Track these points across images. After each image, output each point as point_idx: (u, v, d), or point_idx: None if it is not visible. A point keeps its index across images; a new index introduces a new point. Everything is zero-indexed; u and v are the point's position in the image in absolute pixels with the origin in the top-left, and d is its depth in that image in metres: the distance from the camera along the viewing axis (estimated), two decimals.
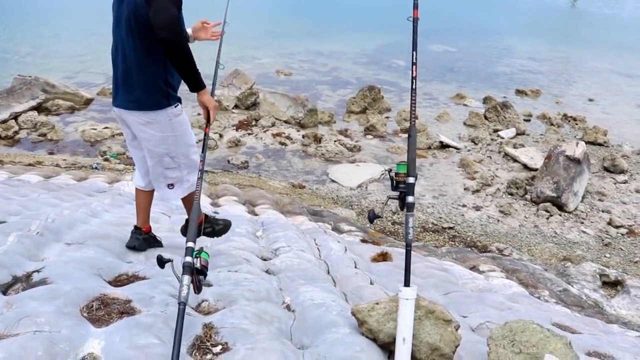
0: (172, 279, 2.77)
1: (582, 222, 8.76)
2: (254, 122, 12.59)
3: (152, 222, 3.76)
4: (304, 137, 11.81)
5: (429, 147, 11.64)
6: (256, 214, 6.41)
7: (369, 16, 30.24)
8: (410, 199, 2.44)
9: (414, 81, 2.54)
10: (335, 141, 11.61)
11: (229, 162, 10.48)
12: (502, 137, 12.44)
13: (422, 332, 2.34)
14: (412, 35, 2.59)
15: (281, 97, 13.56)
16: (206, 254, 2.52)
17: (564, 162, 9.33)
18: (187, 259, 2.40)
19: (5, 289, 2.77)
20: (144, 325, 2.40)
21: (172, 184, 3.34)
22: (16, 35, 21.95)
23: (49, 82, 13.17)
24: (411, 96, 2.53)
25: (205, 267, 2.47)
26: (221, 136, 11.65)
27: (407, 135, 2.57)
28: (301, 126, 12.54)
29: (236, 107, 13.52)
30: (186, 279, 2.33)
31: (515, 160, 11.15)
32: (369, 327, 2.43)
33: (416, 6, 2.61)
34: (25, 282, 2.84)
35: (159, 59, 2.95)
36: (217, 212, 5.60)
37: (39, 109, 12.41)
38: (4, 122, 11.44)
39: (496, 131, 12.80)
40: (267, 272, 3.76)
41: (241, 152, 11.07)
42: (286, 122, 12.79)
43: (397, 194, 2.50)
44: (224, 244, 4.15)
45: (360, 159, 11.03)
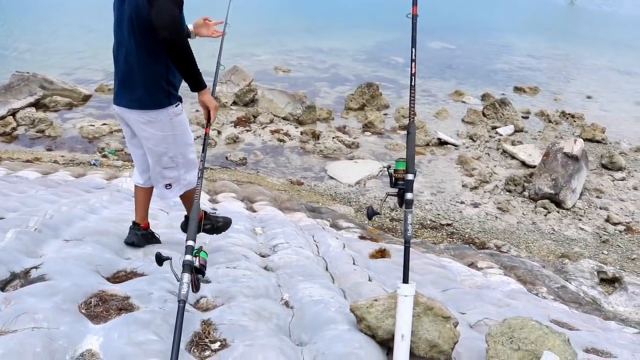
0: (170, 276, 2.77)
1: (580, 219, 8.78)
2: (252, 119, 12.58)
3: (151, 219, 3.75)
4: (302, 133, 11.80)
5: (427, 144, 11.64)
6: (254, 211, 6.41)
7: (368, 13, 30.18)
8: (408, 195, 2.44)
9: (413, 78, 2.54)
10: (333, 138, 11.60)
11: (227, 158, 10.48)
12: (501, 134, 12.44)
13: (421, 328, 2.34)
14: (411, 32, 2.58)
15: (280, 93, 13.54)
16: (205, 253, 2.54)
17: (562, 159, 9.35)
18: (187, 257, 2.42)
19: (3, 286, 2.77)
20: (142, 321, 2.40)
21: (169, 184, 3.35)
22: (14, 31, 21.88)
23: (47, 79, 13.15)
24: (410, 93, 2.53)
25: (203, 266, 2.50)
26: (219, 133, 11.63)
27: (405, 132, 2.57)
28: (299, 123, 12.53)
29: (234, 103, 13.50)
30: (186, 277, 2.33)
31: (513, 157, 11.17)
32: (367, 324, 2.43)
33: (415, 3, 2.60)
34: (23, 278, 2.83)
35: (161, 59, 2.95)
36: (215, 209, 5.60)
37: (37, 105, 12.40)
38: (2, 118, 11.43)
39: (494, 128, 12.80)
40: (265, 268, 3.76)
41: (239, 149, 11.06)
42: (284, 118, 12.77)
43: (396, 190, 2.50)
44: (222, 241, 4.15)
45: (358, 155, 11.03)
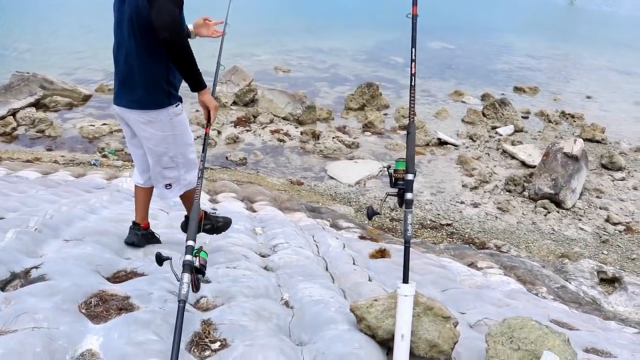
0: (170, 276, 2.77)
1: (580, 219, 8.78)
2: (252, 119, 12.57)
3: (151, 219, 3.75)
4: (302, 133, 11.80)
5: (427, 144, 11.64)
6: (254, 211, 6.41)
7: (368, 13, 30.18)
8: (408, 195, 2.44)
9: (413, 78, 2.54)
10: (333, 138, 11.60)
11: (227, 158, 10.48)
12: (500, 134, 12.44)
13: (421, 328, 2.34)
14: (411, 32, 2.58)
15: (279, 93, 13.54)
16: (205, 253, 2.55)
17: (561, 159, 9.35)
18: (187, 257, 2.42)
19: (3, 286, 2.77)
20: (142, 321, 2.40)
21: (169, 184, 3.35)
22: (14, 31, 21.86)
23: (47, 79, 13.15)
24: (410, 93, 2.53)
25: (203, 267, 2.50)
26: (219, 133, 11.63)
27: (405, 132, 2.57)
28: (299, 123, 12.53)
29: (234, 103, 13.50)
30: (186, 277, 2.33)
31: (513, 157, 11.17)
32: (367, 324, 2.43)
33: (415, 3, 2.61)
34: (23, 278, 2.83)
35: (161, 59, 2.95)
36: (215, 209, 5.60)
37: (37, 105, 12.40)
38: (2, 118, 11.43)
39: (494, 128, 12.80)
40: (265, 268, 3.76)
41: (239, 149, 11.06)
42: (284, 118, 12.77)
43: (396, 190, 2.50)
44: (222, 241, 4.15)
45: (358, 155, 11.03)
